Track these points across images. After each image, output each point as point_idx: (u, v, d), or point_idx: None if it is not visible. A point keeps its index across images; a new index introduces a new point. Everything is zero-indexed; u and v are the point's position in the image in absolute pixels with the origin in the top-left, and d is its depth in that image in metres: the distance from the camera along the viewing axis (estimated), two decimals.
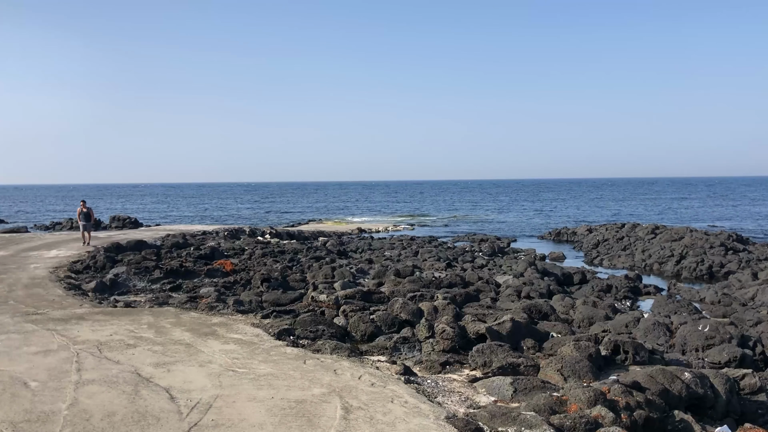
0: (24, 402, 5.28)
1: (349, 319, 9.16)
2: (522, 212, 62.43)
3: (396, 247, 26.49)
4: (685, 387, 6.00)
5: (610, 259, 25.00)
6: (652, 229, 30.64)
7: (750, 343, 9.05)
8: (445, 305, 9.67)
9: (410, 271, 15.83)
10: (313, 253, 20.63)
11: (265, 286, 12.74)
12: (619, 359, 7.34)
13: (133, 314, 9.35)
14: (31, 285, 11.76)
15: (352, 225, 43.13)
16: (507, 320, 8.27)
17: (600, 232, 32.89)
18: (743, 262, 21.20)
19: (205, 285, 12.85)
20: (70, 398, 5.39)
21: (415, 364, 7.31)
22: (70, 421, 4.86)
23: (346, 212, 64.62)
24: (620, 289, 15.93)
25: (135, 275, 13.72)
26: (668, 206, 69.20)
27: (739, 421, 6.12)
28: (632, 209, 64.92)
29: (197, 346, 7.35)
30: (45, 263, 14.89)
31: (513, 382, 6.11)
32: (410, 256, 22.64)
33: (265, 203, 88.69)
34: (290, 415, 5.09)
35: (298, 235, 29.18)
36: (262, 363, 6.65)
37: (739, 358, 8.18)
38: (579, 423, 4.95)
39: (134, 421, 4.88)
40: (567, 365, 6.51)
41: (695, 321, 10.01)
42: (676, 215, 54.05)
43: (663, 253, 23.75)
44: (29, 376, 5.99)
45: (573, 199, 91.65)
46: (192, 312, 9.78)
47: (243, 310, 10.11)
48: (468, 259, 22.27)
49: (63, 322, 8.49)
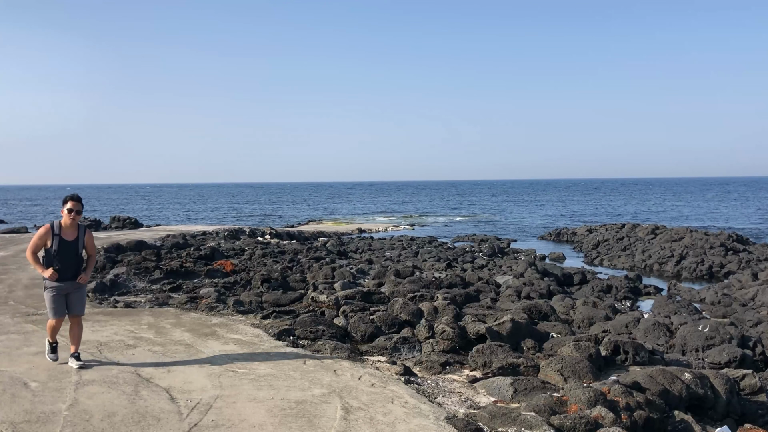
0: (24, 402, 5.28)
1: (349, 320, 9.16)
2: (522, 212, 62.43)
3: (396, 247, 26.50)
4: (686, 387, 6.00)
5: (610, 260, 25.01)
6: (652, 229, 30.66)
7: (750, 343, 9.05)
8: (445, 306, 9.67)
9: (410, 272, 15.83)
10: (313, 254, 20.62)
11: (265, 286, 12.74)
12: (619, 360, 7.34)
13: (133, 315, 9.35)
14: (31, 285, 11.76)
15: (352, 225, 43.14)
16: (507, 321, 8.27)
17: (600, 232, 32.89)
18: (743, 263, 21.21)
19: (205, 285, 12.84)
20: (70, 399, 5.39)
21: (415, 364, 7.31)
22: (70, 422, 4.86)
23: (346, 212, 64.64)
24: (620, 290, 15.94)
25: (135, 276, 13.72)
26: (672, 205, 69.34)
27: (739, 421, 6.12)
28: (637, 208, 65.03)
29: (197, 347, 7.35)
30: None
31: (513, 382, 6.11)
32: (410, 257, 22.65)
33: (265, 203, 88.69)
34: (290, 416, 5.09)
35: (298, 236, 29.19)
36: (262, 363, 6.65)
37: (739, 359, 8.18)
38: (579, 423, 4.95)
39: (134, 422, 4.88)
40: (567, 366, 6.51)
41: (695, 321, 10.01)
42: (693, 214, 54.07)
43: (663, 254, 23.75)
44: (29, 377, 5.99)
45: (571, 199, 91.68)
46: (192, 312, 9.78)
47: (243, 310, 10.11)
48: (468, 260, 22.26)
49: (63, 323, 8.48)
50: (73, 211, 6.32)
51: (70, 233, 6.32)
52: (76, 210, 6.35)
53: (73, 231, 6.36)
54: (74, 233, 6.35)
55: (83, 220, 32.72)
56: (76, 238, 6.35)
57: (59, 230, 6.28)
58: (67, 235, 6.30)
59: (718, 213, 56.41)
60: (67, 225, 6.32)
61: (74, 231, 6.36)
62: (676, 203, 74.97)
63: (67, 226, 6.33)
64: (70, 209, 6.31)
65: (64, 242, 6.26)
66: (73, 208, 6.33)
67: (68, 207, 6.33)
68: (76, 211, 6.35)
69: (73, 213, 6.31)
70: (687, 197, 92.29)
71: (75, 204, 6.35)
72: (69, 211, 6.31)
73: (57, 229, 6.28)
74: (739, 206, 66.14)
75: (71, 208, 6.32)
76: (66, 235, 6.29)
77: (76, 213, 6.33)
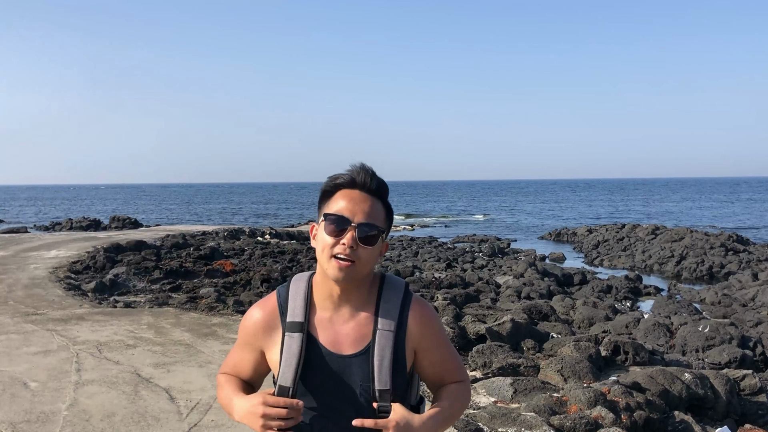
0: (24, 402, 5.27)
1: None
2: (522, 212, 62.44)
3: (396, 247, 26.49)
4: (686, 388, 5.99)
5: (610, 260, 25.01)
6: (652, 229, 30.66)
7: (750, 343, 9.04)
8: (444, 306, 9.67)
9: (410, 272, 15.83)
10: (313, 254, 20.61)
11: (265, 286, 12.74)
12: (619, 360, 7.34)
13: (132, 314, 9.34)
14: (30, 285, 11.75)
15: None
16: (507, 321, 8.26)
17: (600, 232, 32.90)
18: (743, 263, 21.21)
19: (205, 285, 12.84)
20: (70, 398, 5.38)
21: None
22: (70, 422, 4.86)
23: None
24: (620, 290, 15.93)
25: (135, 275, 13.72)
26: (673, 204, 69.30)
27: (740, 421, 6.12)
28: (630, 207, 64.99)
29: (197, 347, 7.34)
30: (45, 263, 14.88)
31: (513, 382, 6.10)
32: (410, 257, 22.65)
33: (265, 204, 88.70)
34: None
35: (298, 236, 29.19)
36: None
37: (740, 359, 8.17)
38: (579, 424, 4.94)
39: (134, 422, 4.88)
40: (567, 366, 6.50)
41: (695, 322, 10.01)
42: (693, 214, 54.08)
43: (663, 254, 23.75)
44: (29, 377, 5.98)
45: (568, 200, 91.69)
46: (192, 312, 9.77)
47: (243, 310, 10.10)
48: (468, 260, 22.26)
49: (63, 323, 8.48)
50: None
51: None
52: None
53: None
54: None
55: (83, 219, 32.70)
56: None
57: None
58: None
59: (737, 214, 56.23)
60: None
61: None
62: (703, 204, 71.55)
63: None
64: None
65: None
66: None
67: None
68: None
69: None
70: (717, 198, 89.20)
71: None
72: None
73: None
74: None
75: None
76: None
77: None
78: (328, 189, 1.67)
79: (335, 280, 1.60)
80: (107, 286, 12.28)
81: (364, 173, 1.64)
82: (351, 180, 1.64)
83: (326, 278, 1.63)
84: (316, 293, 1.70)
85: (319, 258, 1.64)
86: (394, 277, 1.75)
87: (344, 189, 1.65)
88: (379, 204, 1.66)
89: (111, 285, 12.43)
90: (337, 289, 1.64)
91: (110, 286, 12.34)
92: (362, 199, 1.63)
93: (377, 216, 1.64)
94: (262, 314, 1.72)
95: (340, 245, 1.58)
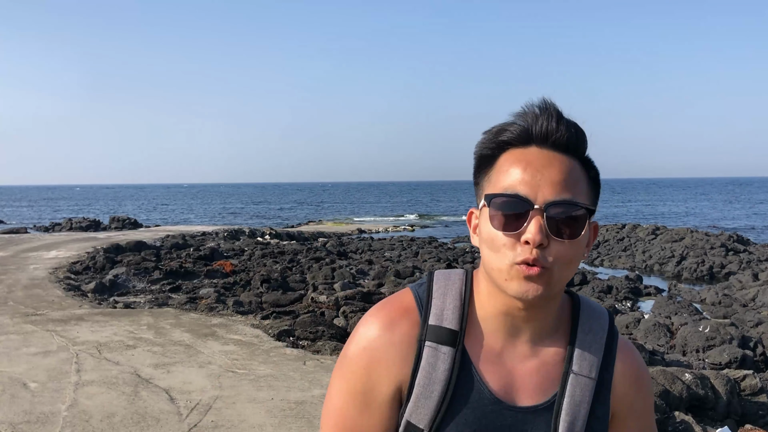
0: (23, 403, 5.26)
1: (349, 320, 9.16)
2: None
3: (396, 247, 26.49)
4: (686, 388, 5.99)
5: (610, 260, 25.00)
6: (653, 230, 30.66)
7: (751, 344, 9.04)
8: None
9: (410, 272, 15.83)
10: (312, 254, 20.62)
11: (264, 286, 12.73)
12: None
13: (132, 315, 9.34)
14: (30, 286, 11.75)
15: (351, 226, 43.14)
16: None
17: (600, 232, 32.91)
18: (744, 263, 21.21)
19: (205, 286, 12.84)
20: (70, 399, 5.38)
21: None
22: (70, 422, 4.85)
23: (346, 213, 64.67)
24: (621, 290, 15.93)
25: (134, 276, 13.72)
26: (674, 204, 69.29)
27: (740, 422, 6.11)
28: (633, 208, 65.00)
29: (197, 347, 7.34)
30: (44, 264, 14.88)
31: None
32: (410, 257, 22.64)
33: (265, 204, 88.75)
34: (290, 417, 5.07)
35: (298, 236, 29.19)
36: (262, 364, 6.64)
37: (740, 359, 8.17)
38: None
39: (134, 422, 4.87)
40: None
41: (696, 322, 10.00)
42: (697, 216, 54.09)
43: (663, 254, 23.75)
44: (29, 377, 5.98)
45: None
46: (191, 313, 9.77)
47: (242, 311, 10.10)
48: (468, 260, 22.26)
49: (62, 323, 8.48)
50: None
51: None
52: None
53: None
54: None
55: (82, 220, 32.70)
56: None
57: None
58: None
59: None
60: None
61: None
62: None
63: None
64: None
65: None
66: None
67: None
68: None
69: None
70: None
71: None
72: None
73: None
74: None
75: None
76: None
77: None
78: (486, 151, 1.04)
79: (520, 297, 0.98)
80: (107, 286, 12.27)
81: (546, 117, 1.00)
82: (525, 132, 1.00)
83: (498, 289, 1.02)
84: (479, 305, 1.07)
85: (488, 264, 1.01)
86: (593, 302, 1.15)
87: (515, 148, 1.01)
88: (576, 166, 1.01)
89: (111, 285, 12.43)
90: (518, 307, 1.02)
91: (110, 287, 12.34)
92: (548, 161, 0.98)
93: (577, 186, 0.99)
94: (387, 321, 1.05)
95: (521, 245, 0.96)
